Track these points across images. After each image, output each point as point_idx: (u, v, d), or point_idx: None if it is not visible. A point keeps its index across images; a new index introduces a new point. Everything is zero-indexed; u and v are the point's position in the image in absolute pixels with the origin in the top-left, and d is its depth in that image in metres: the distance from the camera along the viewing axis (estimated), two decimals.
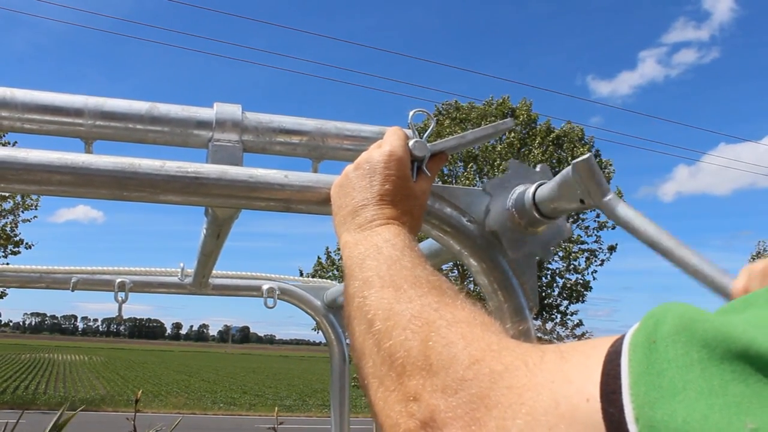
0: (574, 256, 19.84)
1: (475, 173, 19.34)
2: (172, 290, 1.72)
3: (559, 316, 20.11)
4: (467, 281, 16.23)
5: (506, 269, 0.89)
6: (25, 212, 18.96)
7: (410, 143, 0.82)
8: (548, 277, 19.96)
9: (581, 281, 19.97)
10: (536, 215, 0.84)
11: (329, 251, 20.53)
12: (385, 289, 0.60)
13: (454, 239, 0.89)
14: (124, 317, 1.77)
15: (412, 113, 0.88)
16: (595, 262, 20.08)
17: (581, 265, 20.02)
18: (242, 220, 1.07)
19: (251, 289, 1.77)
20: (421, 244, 0.89)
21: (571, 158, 19.26)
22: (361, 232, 0.71)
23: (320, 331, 1.87)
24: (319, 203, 0.85)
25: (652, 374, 0.34)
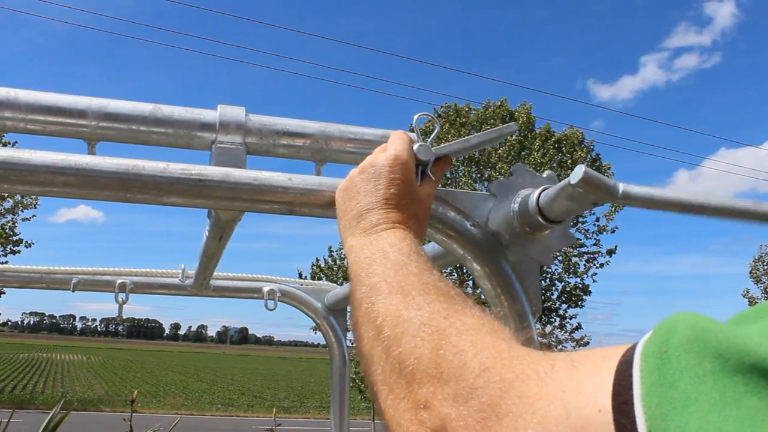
0: (574, 262, 19.82)
1: (476, 178, 19.31)
2: (172, 291, 1.71)
3: (557, 319, 20.09)
4: (465, 285, 16.23)
5: (509, 274, 0.88)
6: (24, 211, 18.96)
7: (415, 147, 0.82)
8: (547, 280, 19.94)
9: (580, 285, 19.95)
10: (540, 220, 0.84)
11: (332, 250, 20.31)
12: (393, 295, 0.59)
13: (457, 243, 0.89)
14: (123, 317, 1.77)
15: (416, 117, 0.88)
16: (594, 265, 20.07)
17: (581, 268, 20.00)
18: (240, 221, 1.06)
19: (252, 290, 1.76)
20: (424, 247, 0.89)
21: (571, 161, 19.26)
22: (366, 236, 0.71)
23: (320, 332, 1.87)
24: (322, 206, 0.85)
25: (664, 385, 0.33)
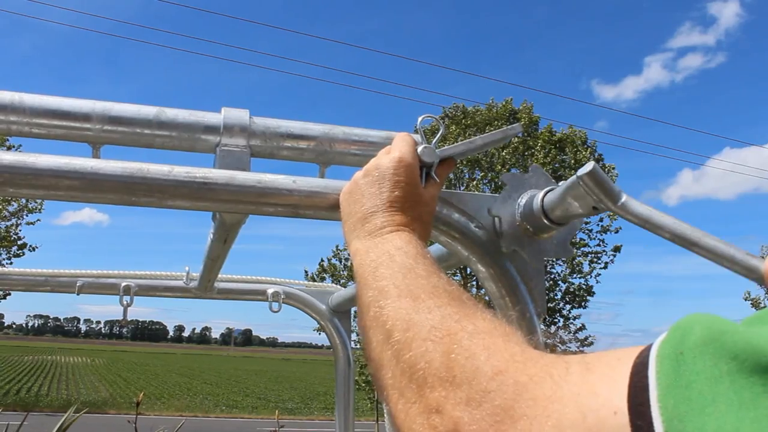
0: (578, 262, 19.76)
1: (480, 179, 19.28)
2: (177, 294, 1.71)
3: (561, 320, 20.04)
4: (470, 286, 16.21)
5: (514, 275, 0.88)
6: (29, 215, 19.03)
7: (419, 149, 0.82)
8: (551, 281, 19.89)
9: (584, 286, 19.89)
10: (543, 220, 0.84)
11: (338, 249, 20.20)
12: (402, 298, 0.59)
13: (462, 245, 0.89)
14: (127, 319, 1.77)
15: (420, 119, 0.88)
16: (598, 264, 20.00)
17: (585, 268, 19.94)
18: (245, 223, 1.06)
19: (256, 293, 1.77)
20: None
21: (573, 161, 19.22)
22: (371, 239, 0.71)
23: (324, 333, 1.87)
24: (327, 209, 0.85)
25: (680, 387, 0.33)
